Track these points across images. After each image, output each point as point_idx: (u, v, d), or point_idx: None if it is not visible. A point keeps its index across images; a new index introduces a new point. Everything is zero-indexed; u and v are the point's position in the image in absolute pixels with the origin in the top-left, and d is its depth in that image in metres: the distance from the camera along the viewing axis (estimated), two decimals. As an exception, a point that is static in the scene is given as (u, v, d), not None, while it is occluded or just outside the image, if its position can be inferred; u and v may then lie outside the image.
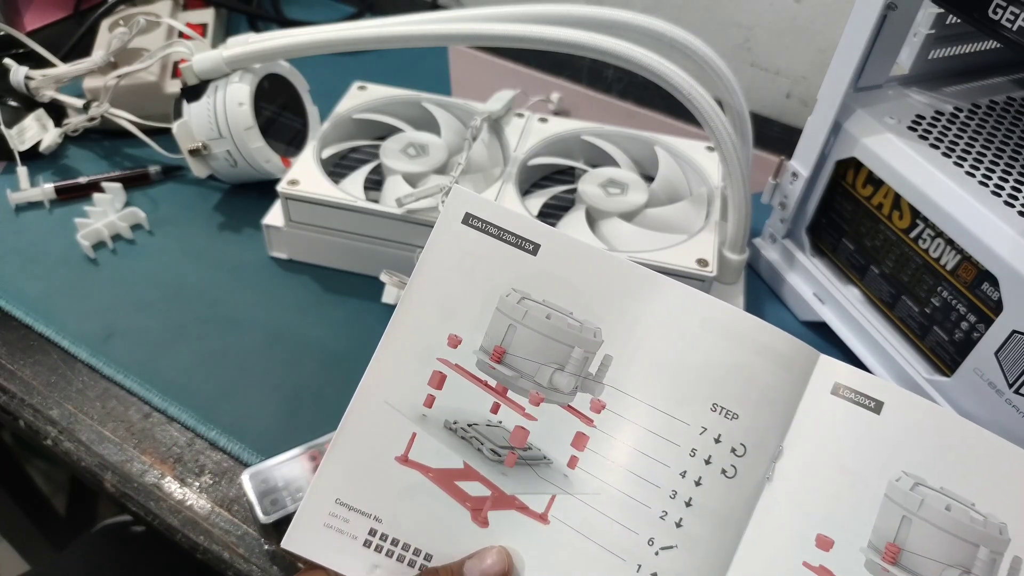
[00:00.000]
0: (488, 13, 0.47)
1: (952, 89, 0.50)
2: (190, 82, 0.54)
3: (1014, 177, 0.43)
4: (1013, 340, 0.40)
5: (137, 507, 0.42)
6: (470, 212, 0.35)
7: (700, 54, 0.44)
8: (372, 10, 0.85)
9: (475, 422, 0.33)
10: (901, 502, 0.30)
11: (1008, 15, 0.37)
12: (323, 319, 0.52)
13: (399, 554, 0.33)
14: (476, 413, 0.34)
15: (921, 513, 0.30)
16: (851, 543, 0.30)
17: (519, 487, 0.33)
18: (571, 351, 0.34)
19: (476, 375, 0.34)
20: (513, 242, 0.35)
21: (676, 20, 0.44)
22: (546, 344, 0.34)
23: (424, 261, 0.35)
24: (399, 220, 0.50)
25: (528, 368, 0.34)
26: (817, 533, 0.31)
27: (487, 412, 0.34)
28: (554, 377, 0.34)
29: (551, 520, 0.32)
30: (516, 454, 0.33)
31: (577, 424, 0.33)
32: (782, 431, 0.32)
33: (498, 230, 0.35)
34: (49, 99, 0.63)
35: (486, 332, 0.34)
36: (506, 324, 0.34)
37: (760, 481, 0.32)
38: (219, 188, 0.60)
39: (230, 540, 0.41)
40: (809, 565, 0.30)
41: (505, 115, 0.59)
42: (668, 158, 0.56)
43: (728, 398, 0.32)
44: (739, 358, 0.33)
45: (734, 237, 0.50)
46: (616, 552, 0.32)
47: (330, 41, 0.50)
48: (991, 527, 0.30)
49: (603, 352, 0.34)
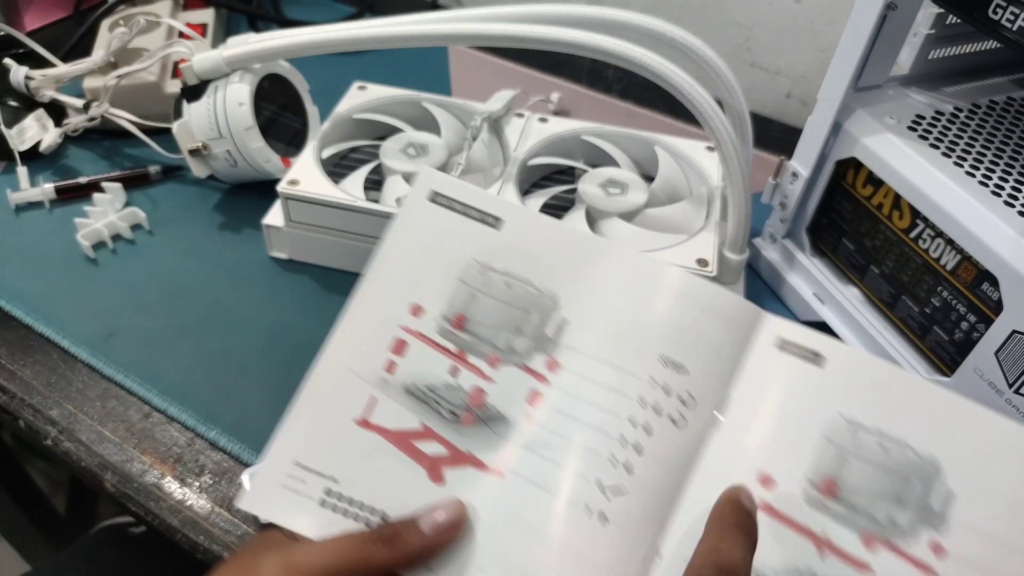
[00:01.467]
0: (488, 13, 0.47)
1: (952, 89, 0.50)
2: (190, 82, 0.54)
3: (1014, 177, 0.43)
4: (1013, 340, 0.40)
5: (137, 507, 0.42)
6: (436, 191, 0.37)
7: (700, 54, 0.44)
8: (372, 10, 0.85)
9: (434, 385, 0.35)
10: (839, 442, 0.32)
11: (1008, 15, 0.37)
12: (323, 319, 0.52)
13: (355, 513, 0.33)
14: (436, 377, 0.35)
15: (856, 451, 0.32)
16: (792, 481, 0.32)
17: (475, 444, 0.34)
18: (528, 316, 0.36)
19: (437, 341, 0.36)
20: (477, 217, 0.37)
21: (676, 20, 0.44)
22: (506, 311, 0.36)
23: (390, 236, 0.37)
24: (399, 220, 0.50)
25: (487, 333, 0.36)
26: (759, 473, 0.32)
27: (446, 375, 0.35)
28: (512, 341, 0.35)
29: (506, 474, 0.33)
30: (473, 414, 0.34)
31: (533, 383, 0.35)
32: (728, 382, 0.34)
33: (463, 206, 0.37)
34: (49, 99, 0.63)
35: (448, 301, 0.36)
36: (468, 293, 0.36)
37: (706, 428, 0.33)
38: (219, 188, 0.60)
39: (230, 540, 0.41)
40: None
41: (505, 115, 0.59)
42: (668, 158, 0.56)
43: (677, 352, 0.34)
44: (687, 316, 0.35)
45: (734, 237, 0.50)
46: (569, 499, 0.33)
47: (330, 41, 0.50)
48: (921, 463, 0.31)
49: (560, 315, 0.36)
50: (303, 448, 0.34)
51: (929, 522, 0.31)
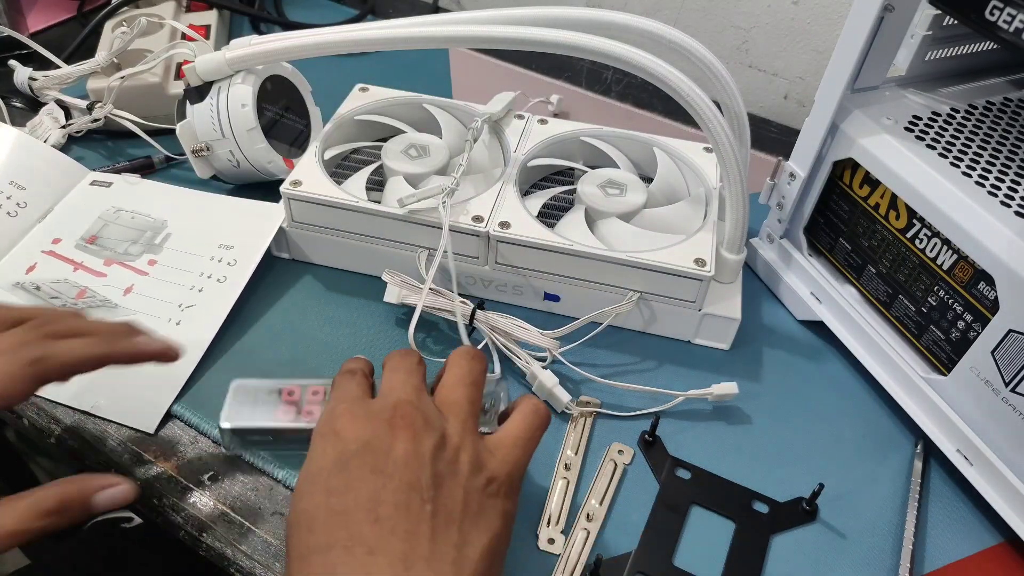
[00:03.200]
0: (488, 16, 0.47)
1: (949, 90, 0.50)
2: (193, 83, 0.55)
3: (1010, 177, 0.44)
4: (1009, 339, 0.40)
5: (140, 504, 0.43)
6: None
7: (698, 56, 0.44)
8: (373, 12, 0.85)
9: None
10: (104, 216, 0.56)
11: (1005, 16, 0.38)
12: (325, 318, 0.52)
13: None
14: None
15: (113, 220, 0.56)
16: (71, 240, 0.55)
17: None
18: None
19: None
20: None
21: (674, 22, 0.45)
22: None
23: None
24: (401, 220, 0.51)
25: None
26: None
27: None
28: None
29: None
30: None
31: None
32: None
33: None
34: (53, 100, 0.64)
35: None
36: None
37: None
38: (222, 189, 0.60)
39: (232, 537, 0.41)
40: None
41: (505, 117, 0.59)
42: (666, 159, 0.57)
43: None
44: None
45: (732, 237, 0.50)
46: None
47: (332, 43, 0.51)
48: (154, 222, 0.56)
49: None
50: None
51: (151, 250, 0.54)
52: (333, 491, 0.31)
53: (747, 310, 0.52)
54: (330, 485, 0.31)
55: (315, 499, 0.31)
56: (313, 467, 0.33)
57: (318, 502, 0.31)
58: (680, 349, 0.52)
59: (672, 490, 0.44)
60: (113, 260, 0.53)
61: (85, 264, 0.53)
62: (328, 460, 0.32)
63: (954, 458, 0.45)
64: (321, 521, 0.31)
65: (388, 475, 0.31)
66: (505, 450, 0.35)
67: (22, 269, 0.52)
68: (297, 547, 0.31)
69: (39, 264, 0.53)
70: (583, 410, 0.47)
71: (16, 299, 0.50)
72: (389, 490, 0.31)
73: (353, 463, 0.32)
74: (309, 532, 0.31)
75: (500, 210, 0.51)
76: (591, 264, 0.49)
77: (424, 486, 0.31)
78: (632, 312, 0.51)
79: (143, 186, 0.59)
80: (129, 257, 0.53)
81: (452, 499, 0.32)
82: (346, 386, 0.36)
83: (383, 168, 0.55)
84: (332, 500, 0.31)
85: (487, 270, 0.52)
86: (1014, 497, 0.42)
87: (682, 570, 0.41)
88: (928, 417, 0.46)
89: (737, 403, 0.49)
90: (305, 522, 0.31)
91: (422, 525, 0.30)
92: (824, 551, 0.42)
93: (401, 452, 0.32)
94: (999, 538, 0.44)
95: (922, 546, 0.43)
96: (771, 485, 0.45)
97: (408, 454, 0.32)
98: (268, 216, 0.55)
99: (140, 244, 0.54)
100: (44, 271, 0.52)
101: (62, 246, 0.54)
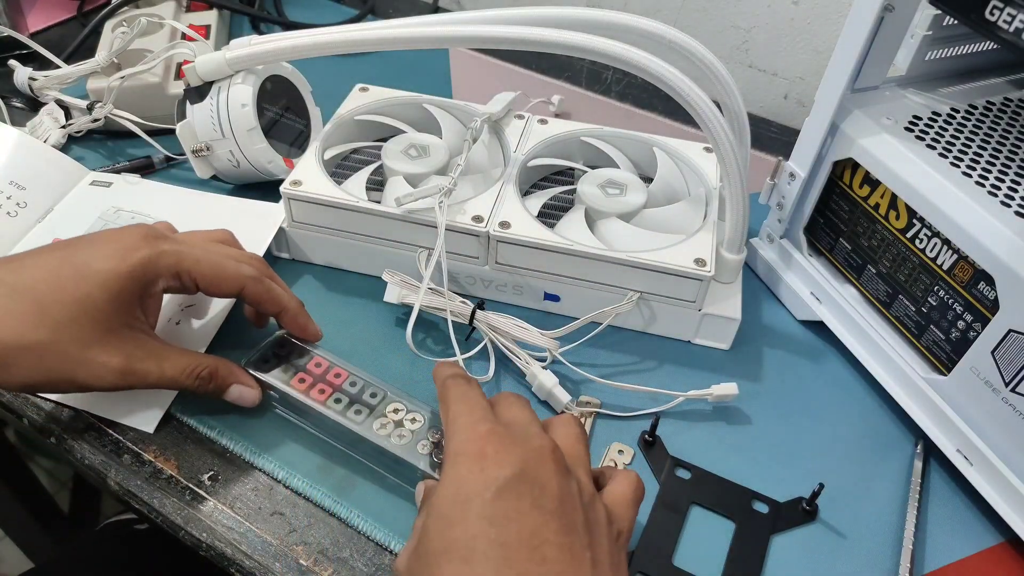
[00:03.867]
0: (488, 16, 0.47)
1: (949, 90, 0.50)
2: (193, 83, 0.55)
3: (1010, 177, 0.44)
4: (1009, 339, 0.40)
5: (140, 504, 0.43)
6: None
7: (698, 56, 0.44)
8: (374, 12, 0.85)
9: None
10: (105, 217, 0.56)
11: (1005, 16, 0.38)
12: (326, 318, 0.52)
13: None
14: None
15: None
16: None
17: None
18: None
19: None
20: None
21: (674, 22, 0.45)
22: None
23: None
24: (401, 220, 0.51)
25: None
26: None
27: None
28: None
29: None
30: None
31: None
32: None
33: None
34: (53, 100, 0.64)
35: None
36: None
37: None
38: (222, 188, 0.60)
39: (232, 537, 0.41)
40: None
41: (505, 117, 0.59)
42: (666, 159, 0.57)
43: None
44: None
45: (732, 237, 0.50)
46: None
47: (332, 43, 0.51)
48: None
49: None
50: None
51: None
52: (493, 520, 0.29)
53: (747, 310, 0.52)
54: (488, 513, 0.29)
55: (471, 527, 0.29)
56: (463, 490, 0.30)
57: (476, 531, 0.29)
58: (680, 349, 0.52)
59: (672, 490, 0.44)
60: None
61: None
62: (480, 485, 0.30)
63: (954, 458, 0.45)
64: (481, 552, 0.29)
65: (549, 512, 0.30)
66: (623, 508, 0.35)
67: None
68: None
69: None
70: (583, 410, 0.47)
71: None
72: (551, 530, 0.29)
73: (511, 493, 0.30)
74: (466, 563, 0.29)
75: (500, 210, 0.51)
76: (591, 264, 0.49)
77: (581, 531, 0.30)
78: (632, 312, 0.51)
79: (143, 186, 0.59)
80: None
81: (602, 548, 0.31)
82: (473, 396, 0.35)
83: (383, 168, 0.55)
84: (492, 531, 0.29)
85: (487, 270, 0.52)
86: (1014, 497, 0.42)
87: (682, 570, 0.41)
88: (928, 417, 0.46)
89: (737, 403, 0.49)
90: (461, 552, 0.29)
91: (583, 570, 0.29)
92: (824, 551, 0.42)
93: (556, 490, 0.30)
94: (999, 538, 0.44)
95: (922, 546, 0.43)
96: (771, 485, 0.45)
97: (564, 493, 0.31)
98: (268, 216, 0.55)
99: None
100: None
101: None
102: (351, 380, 0.44)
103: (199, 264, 0.40)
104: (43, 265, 0.38)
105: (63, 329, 0.37)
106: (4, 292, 0.36)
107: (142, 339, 0.40)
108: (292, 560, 0.40)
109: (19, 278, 0.37)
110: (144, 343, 0.40)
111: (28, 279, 0.37)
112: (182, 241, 0.41)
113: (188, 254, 0.40)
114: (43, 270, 0.37)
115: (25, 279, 0.37)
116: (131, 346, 0.39)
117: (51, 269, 0.37)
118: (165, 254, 0.39)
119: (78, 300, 0.37)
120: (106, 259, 0.38)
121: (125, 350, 0.39)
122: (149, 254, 0.39)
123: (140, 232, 0.40)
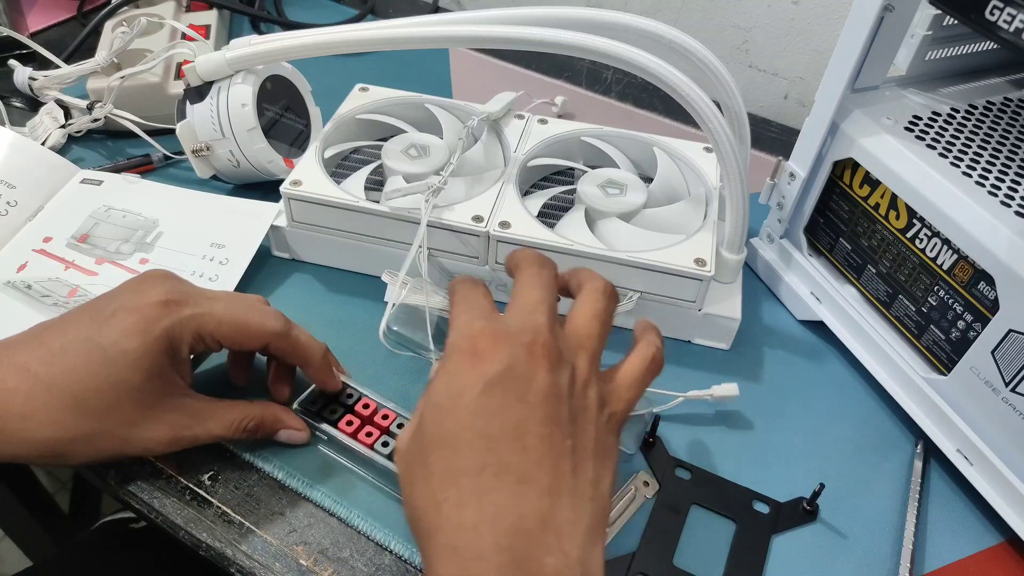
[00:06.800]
0: (488, 16, 0.47)
1: (949, 90, 0.50)
2: (193, 83, 0.55)
3: (1010, 177, 0.44)
4: (1009, 339, 0.40)
5: (140, 504, 0.43)
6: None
7: (698, 56, 0.44)
8: (374, 12, 0.85)
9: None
10: (95, 215, 0.56)
11: (1005, 16, 0.38)
12: (326, 318, 0.52)
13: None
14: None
15: (104, 219, 0.56)
16: (62, 238, 0.55)
17: None
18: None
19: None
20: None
21: (674, 22, 0.45)
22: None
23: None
24: (400, 220, 0.51)
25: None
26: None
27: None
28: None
29: None
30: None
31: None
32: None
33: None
34: (53, 100, 0.64)
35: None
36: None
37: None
38: (222, 188, 0.60)
39: (232, 537, 0.41)
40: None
41: (504, 116, 0.59)
42: (666, 159, 0.57)
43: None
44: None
45: (732, 237, 0.50)
46: None
47: (332, 43, 0.51)
48: (145, 221, 0.56)
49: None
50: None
51: (142, 249, 0.54)
52: (479, 414, 0.31)
53: (747, 310, 0.52)
54: (475, 407, 0.31)
55: (460, 419, 0.31)
56: (455, 385, 0.32)
57: (464, 423, 0.31)
58: (680, 349, 0.52)
59: (672, 490, 0.44)
60: (104, 259, 0.53)
61: (76, 263, 0.53)
62: (470, 380, 0.32)
63: (954, 458, 0.45)
64: (467, 443, 0.31)
65: (532, 405, 0.31)
66: (623, 389, 0.35)
67: (13, 268, 0.52)
68: (440, 465, 0.31)
69: (30, 263, 0.53)
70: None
71: (7, 298, 0.50)
72: (534, 421, 0.31)
73: (497, 388, 0.31)
74: (454, 452, 0.31)
75: (500, 210, 0.51)
76: (591, 264, 0.49)
77: (564, 421, 0.32)
78: (632, 312, 0.51)
79: (135, 185, 0.59)
80: (120, 256, 0.54)
81: (586, 436, 0.32)
82: (474, 296, 0.36)
83: (383, 168, 0.55)
84: (479, 423, 0.31)
85: (487, 270, 0.52)
86: (1014, 497, 0.42)
87: (683, 570, 0.41)
88: (928, 417, 0.46)
89: (737, 403, 0.49)
90: (450, 441, 0.31)
91: (564, 460, 0.31)
92: (824, 551, 0.42)
93: (542, 383, 0.32)
94: (999, 538, 0.44)
95: (922, 546, 0.43)
96: (771, 485, 0.45)
97: (549, 386, 0.32)
98: (260, 215, 0.55)
99: (131, 243, 0.54)
100: (35, 270, 0.52)
101: (53, 245, 0.54)
102: (399, 422, 0.43)
103: (221, 326, 0.40)
104: (72, 353, 0.38)
105: (105, 417, 0.38)
106: (41, 389, 0.37)
107: (184, 403, 0.41)
108: (292, 560, 0.40)
109: (51, 372, 0.38)
110: (187, 407, 0.41)
111: (59, 371, 0.38)
112: (201, 300, 0.41)
113: (208, 316, 0.40)
114: (73, 359, 0.38)
115: (57, 373, 0.38)
116: (175, 415, 0.40)
117: (80, 356, 0.38)
118: (185, 320, 0.40)
119: (113, 386, 0.38)
120: (131, 337, 0.38)
121: (169, 420, 0.40)
122: (170, 323, 0.39)
123: (159, 297, 0.40)
